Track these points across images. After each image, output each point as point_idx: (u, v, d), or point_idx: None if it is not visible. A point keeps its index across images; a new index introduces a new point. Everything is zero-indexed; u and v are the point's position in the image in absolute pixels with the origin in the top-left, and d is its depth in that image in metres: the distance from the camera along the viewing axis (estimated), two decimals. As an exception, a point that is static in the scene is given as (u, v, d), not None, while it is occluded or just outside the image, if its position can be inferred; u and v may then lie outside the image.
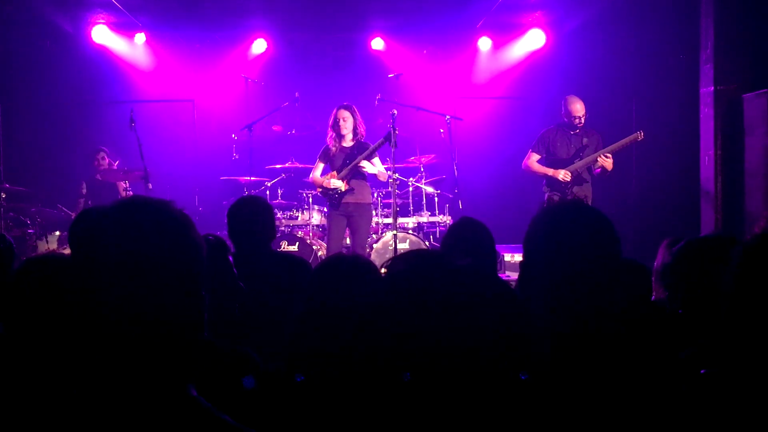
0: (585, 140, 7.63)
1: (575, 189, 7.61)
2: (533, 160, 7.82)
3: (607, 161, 7.41)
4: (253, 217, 3.90)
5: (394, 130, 7.16)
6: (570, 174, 7.54)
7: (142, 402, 1.35)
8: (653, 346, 1.94)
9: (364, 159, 7.32)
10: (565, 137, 7.70)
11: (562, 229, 1.78)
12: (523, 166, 7.93)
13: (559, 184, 7.60)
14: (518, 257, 8.36)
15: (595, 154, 7.47)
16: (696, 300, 2.49)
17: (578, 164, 7.57)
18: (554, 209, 1.89)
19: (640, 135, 7.41)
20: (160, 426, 1.34)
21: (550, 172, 7.65)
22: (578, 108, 7.58)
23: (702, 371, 1.66)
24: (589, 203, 7.56)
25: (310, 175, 7.72)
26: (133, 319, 1.36)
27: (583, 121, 7.58)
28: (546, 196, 7.73)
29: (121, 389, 1.36)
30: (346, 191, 7.38)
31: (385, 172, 7.51)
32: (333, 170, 7.47)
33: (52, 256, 2.35)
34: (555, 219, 1.82)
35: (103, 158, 9.07)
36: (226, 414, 1.40)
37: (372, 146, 7.34)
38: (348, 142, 7.48)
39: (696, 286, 2.49)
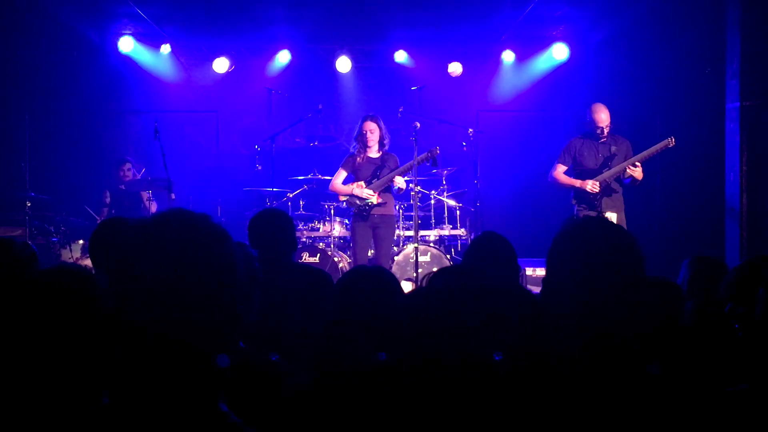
0: (613, 148, 7.36)
1: (605, 200, 7.32)
2: (560, 171, 7.54)
3: (636, 171, 7.15)
4: (273, 230, 3.92)
5: (437, 149, 7.28)
6: (598, 184, 7.27)
7: (172, 417, 1.35)
8: (682, 362, 1.91)
9: (400, 174, 7.34)
10: (592, 146, 7.44)
11: (585, 246, 1.77)
12: (549, 178, 7.66)
13: (588, 196, 7.32)
14: (540, 271, 8.31)
15: (624, 164, 7.21)
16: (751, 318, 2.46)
17: (607, 174, 7.29)
18: (577, 226, 1.88)
19: (671, 141, 7.13)
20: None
21: (577, 183, 7.37)
22: (603, 117, 7.34)
23: (728, 389, 1.64)
24: (622, 214, 7.35)
25: (331, 183, 7.70)
26: (165, 333, 1.35)
27: (606, 131, 7.34)
28: (575, 209, 7.44)
29: (150, 404, 1.35)
30: (377, 203, 7.39)
31: (405, 186, 7.52)
32: (358, 180, 7.46)
33: (66, 267, 2.35)
34: (578, 236, 1.81)
35: (128, 169, 9.16)
36: (255, 427, 1.39)
37: (412, 161, 7.32)
38: (374, 153, 7.48)
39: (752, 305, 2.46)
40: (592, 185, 7.26)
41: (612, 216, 7.16)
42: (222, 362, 1.37)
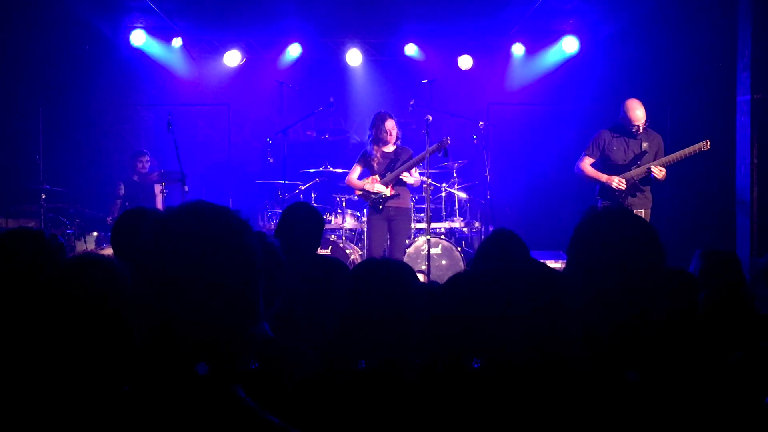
0: (645, 145, 7.05)
1: (630, 200, 7.06)
2: (587, 163, 7.24)
3: (660, 174, 6.89)
4: (306, 225, 4.03)
5: (447, 140, 7.25)
6: (625, 182, 7.01)
7: (188, 402, 1.37)
8: (700, 353, 1.95)
9: (413, 165, 7.43)
10: (622, 141, 7.13)
11: (606, 236, 1.80)
12: (575, 170, 7.37)
13: (613, 193, 7.07)
14: (550, 264, 8.33)
15: (648, 165, 6.96)
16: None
17: (634, 172, 7.02)
18: (599, 217, 1.90)
19: (705, 145, 6.80)
20: (205, 425, 1.36)
21: (603, 178, 7.08)
22: (639, 115, 6.99)
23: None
24: (649, 211, 7.15)
25: (347, 178, 7.79)
26: (184, 324, 1.38)
27: (642, 129, 7.04)
28: (599, 204, 7.18)
29: (169, 390, 1.38)
30: (390, 196, 7.48)
31: (419, 178, 7.59)
32: (373, 175, 7.54)
33: (93, 256, 2.39)
34: (599, 226, 1.84)
35: (147, 161, 9.22)
36: (274, 410, 1.42)
37: (422, 154, 7.38)
38: (389, 148, 7.57)
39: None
40: (618, 182, 7.01)
41: (639, 213, 7.02)
42: (201, 370, 1.39)
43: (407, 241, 8.33)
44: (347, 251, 8.20)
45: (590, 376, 1.76)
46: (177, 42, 10.36)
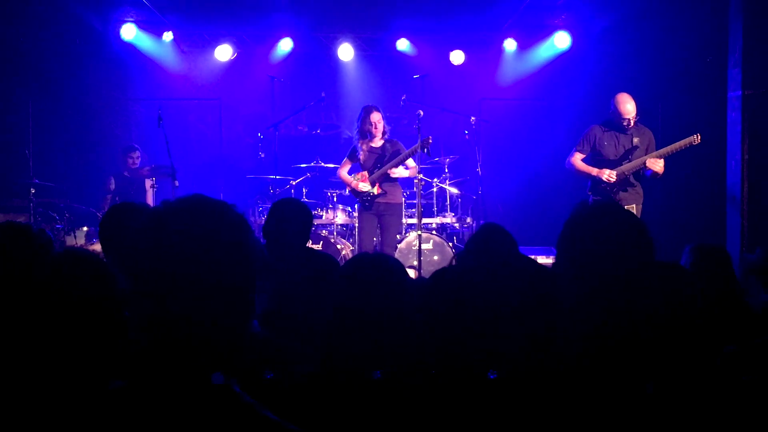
0: (635, 140, 7.02)
1: (621, 194, 7.05)
2: (578, 158, 7.22)
3: (656, 165, 6.84)
4: (296, 220, 4.02)
5: (429, 139, 7.16)
6: (615, 175, 6.97)
7: (184, 397, 1.36)
8: (692, 347, 1.94)
9: (397, 164, 7.39)
10: (613, 136, 7.09)
11: (595, 230, 1.79)
12: (566, 165, 7.35)
13: (604, 188, 7.06)
14: (541, 260, 8.33)
15: (644, 158, 6.93)
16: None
17: (626, 167, 7.00)
18: (588, 211, 1.90)
19: (696, 139, 6.75)
20: (201, 421, 1.35)
21: (594, 171, 7.06)
22: (629, 109, 6.96)
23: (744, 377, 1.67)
24: (640, 207, 7.13)
25: (338, 171, 7.78)
26: (179, 319, 1.36)
27: (633, 123, 7.02)
28: (590, 200, 7.16)
29: (165, 386, 1.37)
30: (378, 194, 7.45)
31: (415, 166, 7.52)
32: (363, 170, 7.51)
33: (79, 251, 2.37)
34: (588, 220, 1.83)
35: (137, 157, 9.19)
36: (271, 408, 1.41)
37: (405, 153, 7.37)
38: (377, 142, 7.53)
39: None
40: (608, 174, 6.97)
41: (630, 208, 7.01)
42: (216, 380, 1.37)
43: (398, 237, 8.32)
44: (338, 246, 8.19)
45: (584, 373, 1.75)
46: (168, 36, 10.31)
